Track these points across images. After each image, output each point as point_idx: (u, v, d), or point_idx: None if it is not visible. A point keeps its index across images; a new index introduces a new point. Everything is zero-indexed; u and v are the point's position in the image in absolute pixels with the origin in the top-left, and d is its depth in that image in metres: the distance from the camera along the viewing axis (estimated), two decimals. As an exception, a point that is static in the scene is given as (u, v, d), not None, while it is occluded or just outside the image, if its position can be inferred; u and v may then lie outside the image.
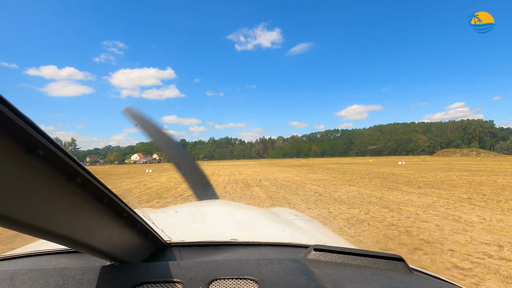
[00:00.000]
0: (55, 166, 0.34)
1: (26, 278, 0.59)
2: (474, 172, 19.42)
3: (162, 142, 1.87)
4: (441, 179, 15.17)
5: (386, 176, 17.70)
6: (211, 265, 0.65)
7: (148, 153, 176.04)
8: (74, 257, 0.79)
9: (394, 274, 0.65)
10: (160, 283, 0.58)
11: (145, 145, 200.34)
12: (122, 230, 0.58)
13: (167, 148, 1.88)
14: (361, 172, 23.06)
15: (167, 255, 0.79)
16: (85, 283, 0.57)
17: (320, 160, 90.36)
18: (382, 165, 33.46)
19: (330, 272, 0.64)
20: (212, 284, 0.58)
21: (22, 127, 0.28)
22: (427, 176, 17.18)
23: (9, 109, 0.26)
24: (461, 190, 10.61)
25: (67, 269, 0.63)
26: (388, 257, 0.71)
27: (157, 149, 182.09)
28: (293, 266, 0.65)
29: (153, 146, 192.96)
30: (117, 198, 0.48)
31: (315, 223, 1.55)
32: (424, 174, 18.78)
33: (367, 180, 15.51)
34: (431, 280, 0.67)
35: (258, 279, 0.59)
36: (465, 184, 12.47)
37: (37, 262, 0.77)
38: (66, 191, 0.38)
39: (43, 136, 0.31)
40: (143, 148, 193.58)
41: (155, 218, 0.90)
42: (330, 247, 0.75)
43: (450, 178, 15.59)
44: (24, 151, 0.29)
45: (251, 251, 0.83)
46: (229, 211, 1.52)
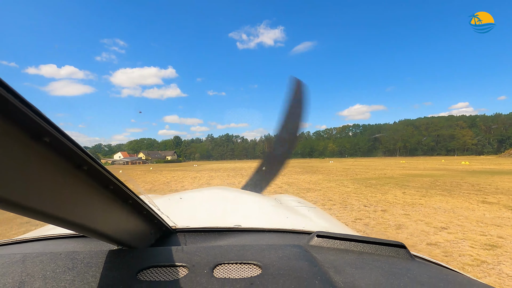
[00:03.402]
0: (62, 154, 0.34)
1: (37, 261, 0.61)
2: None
3: (285, 131, 1.91)
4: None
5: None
6: (216, 250, 0.66)
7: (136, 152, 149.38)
8: (82, 241, 0.82)
9: (395, 261, 0.66)
10: (165, 267, 0.59)
11: (133, 143, 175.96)
12: (129, 216, 0.59)
13: (279, 140, 1.92)
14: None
15: (173, 240, 0.81)
16: (93, 266, 0.59)
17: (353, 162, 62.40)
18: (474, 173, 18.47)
19: (332, 258, 0.65)
20: (216, 268, 0.59)
21: (28, 114, 0.28)
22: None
23: (14, 97, 0.27)
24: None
25: (76, 253, 0.65)
26: (390, 244, 0.72)
27: (146, 149, 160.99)
28: (295, 252, 0.66)
29: (142, 145, 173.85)
30: (123, 185, 0.49)
31: (317, 210, 1.57)
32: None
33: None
34: (432, 266, 0.68)
35: (261, 264, 0.60)
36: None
37: (47, 246, 0.80)
38: (73, 179, 0.38)
39: (49, 124, 0.31)
40: (131, 146, 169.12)
41: (160, 204, 0.92)
42: (332, 234, 0.76)
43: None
44: (30, 138, 0.30)
45: (254, 237, 0.85)
46: (233, 198, 1.51)
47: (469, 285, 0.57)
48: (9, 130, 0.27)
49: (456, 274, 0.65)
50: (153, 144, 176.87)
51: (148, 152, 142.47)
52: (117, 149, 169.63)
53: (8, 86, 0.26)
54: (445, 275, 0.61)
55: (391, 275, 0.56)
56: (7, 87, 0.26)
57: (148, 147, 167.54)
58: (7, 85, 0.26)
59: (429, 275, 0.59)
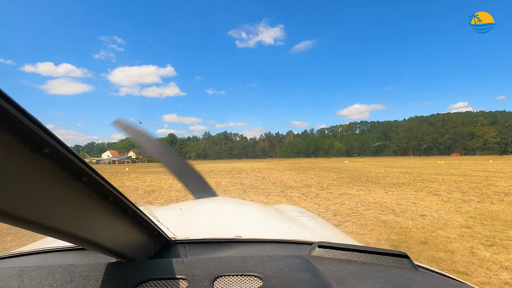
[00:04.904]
0: (61, 165, 0.34)
1: (34, 275, 0.59)
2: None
3: (153, 149, 1.94)
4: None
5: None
6: (216, 261, 0.65)
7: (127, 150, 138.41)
8: (80, 254, 0.80)
9: (398, 271, 0.64)
10: (165, 280, 0.58)
11: (125, 141, 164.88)
12: (128, 227, 0.58)
13: (160, 153, 1.95)
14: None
15: (172, 252, 0.80)
16: (92, 279, 0.58)
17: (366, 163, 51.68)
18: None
19: (335, 269, 0.64)
20: (216, 280, 0.58)
21: (27, 125, 0.28)
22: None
23: (14, 108, 0.26)
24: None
25: (74, 266, 0.63)
26: (393, 254, 0.70)
27: (137, 147, 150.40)
28: (297, 262, 0.65)
29: (133, 143, 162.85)
30: (122, 196, 0.48)
31: (319, 220, 1.54)
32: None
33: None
34: (436, 276, 0.67)
35: (262, 275, 0.58)
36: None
37: (45, 259, 0.78)
38: (72, 190, 0.37)
39: (49, 134, 0.31)
40: (122, 145, 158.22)
41: (160, 215, 0.91)
42: (334, 244, 0.75)
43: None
44: (30, 149, 0.29)
45: (255, 248, 0.83)
46: (233, 209, 1.51)
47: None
48: (9, 141, 0.27)
49: (460, 284, 0.65)
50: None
51: (139, 151, 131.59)
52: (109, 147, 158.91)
53: (8, 96, 0.26)
54: (449, 285, 0.60)
55: (394, 286, 0.55)
56: (7, 98, 0.26)
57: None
58: (7, 95, 0.26)
59: (432, 285, 0.58)
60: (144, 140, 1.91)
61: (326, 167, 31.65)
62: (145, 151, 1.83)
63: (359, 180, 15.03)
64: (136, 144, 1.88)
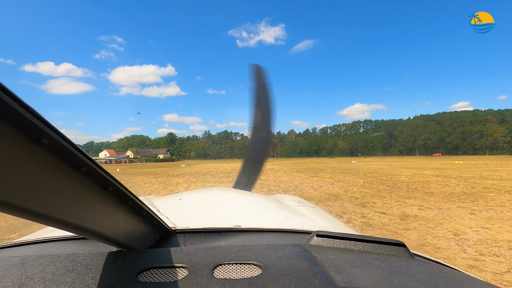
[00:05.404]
0: (60, 156, 0.34)
1: (36, 264, 0.61)
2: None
3: (257, 118, 1.88)
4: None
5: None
6: (215, 250, 0.66)
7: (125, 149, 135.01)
8: (82, 243, 0.81)
9: (395, 259, 0.66)
10: (165, 268, 0.59)
11: (123, 140, 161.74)
12: (128, 217, 0.59)
13: (255, 130, 1.88)
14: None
15: (172, 241, 0.81)
16: (93, 268, 0.59)
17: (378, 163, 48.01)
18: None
19: (332, 257, 0.65)
20: (216, 269, 0.59)
21: (26, 117, 0.28)
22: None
23: (12, 99, 0.26)
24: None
25: (76, 255, 0.64)
26: (390, 243, 0.72)
27: (137, 146, 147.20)
28: (295, 251, 0.66)
29: (134, 143, 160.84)
30: (122, 186, 0.49)
31: (317, 209, 1.55)
32: None
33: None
34: (432, 265, 0.67)
35: (261, 264, 0.60)
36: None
37: (47, 249, 0.79)
38: (72, 180, 0.38)
39: (47, 125, 0.31)
40: (121, 144, 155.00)
41: (160, 205, 0.92)
42: (332, 233, 0.76)
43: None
44: (29, 141, 0.29)
45: (254, 237, 0.84)
46: (232, 198, 1.52)
47: (469, 283, 0.57)
48: (8, 133, 0.27)
49: (456, 272, 0.66)
50: (145, 141, 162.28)
51: (138, 150, 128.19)
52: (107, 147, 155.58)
53: (6, 88, 0.26)
54: (445, 273, 0.61)
55: (391, 274, 0.57)
56: (5, 89, 0.26)
57: (140, 145, 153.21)
58: (5, 87, 0.26)
59: (428, 273, 0.59)
60: (263, 103, 1.80)
61: (337, 167, 28.08)
62: (252, 113, 1.66)
63: (399, 188, 11.37)
64: (253, 99, 1.78)
